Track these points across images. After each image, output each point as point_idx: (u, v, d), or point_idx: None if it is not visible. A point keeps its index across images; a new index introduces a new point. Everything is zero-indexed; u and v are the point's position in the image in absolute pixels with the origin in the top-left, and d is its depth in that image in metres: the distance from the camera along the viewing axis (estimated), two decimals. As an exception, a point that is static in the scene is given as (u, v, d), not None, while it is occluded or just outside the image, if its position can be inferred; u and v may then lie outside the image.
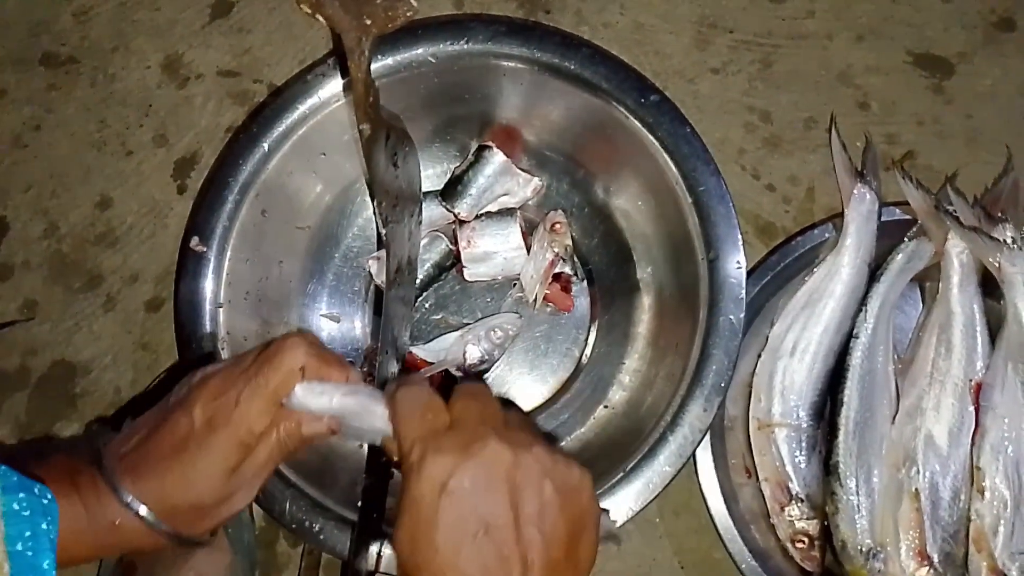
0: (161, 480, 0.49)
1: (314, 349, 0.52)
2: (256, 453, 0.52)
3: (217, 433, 0.50)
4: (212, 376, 0.52)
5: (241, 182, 0.71)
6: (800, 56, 0.87)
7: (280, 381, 0.51)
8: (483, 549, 0.43)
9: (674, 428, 0.65)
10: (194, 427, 0.50)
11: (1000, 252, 0.72)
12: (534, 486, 0.45)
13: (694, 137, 0.71)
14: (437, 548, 0.44)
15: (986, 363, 0.73)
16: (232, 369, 0.52)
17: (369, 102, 0.50)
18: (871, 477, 0.71)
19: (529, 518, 0.44)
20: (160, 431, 0.50)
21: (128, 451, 0.51)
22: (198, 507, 0.51)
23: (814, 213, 0.83)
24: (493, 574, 0.43)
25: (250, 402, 0.50)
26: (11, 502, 0.45)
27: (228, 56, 0.92)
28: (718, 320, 0.67)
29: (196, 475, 0.50)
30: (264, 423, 0.51)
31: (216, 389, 0.51)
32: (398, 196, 0.58)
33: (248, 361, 0.52)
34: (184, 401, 0.51)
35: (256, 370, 0.51)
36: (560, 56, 0.73)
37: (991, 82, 0.87)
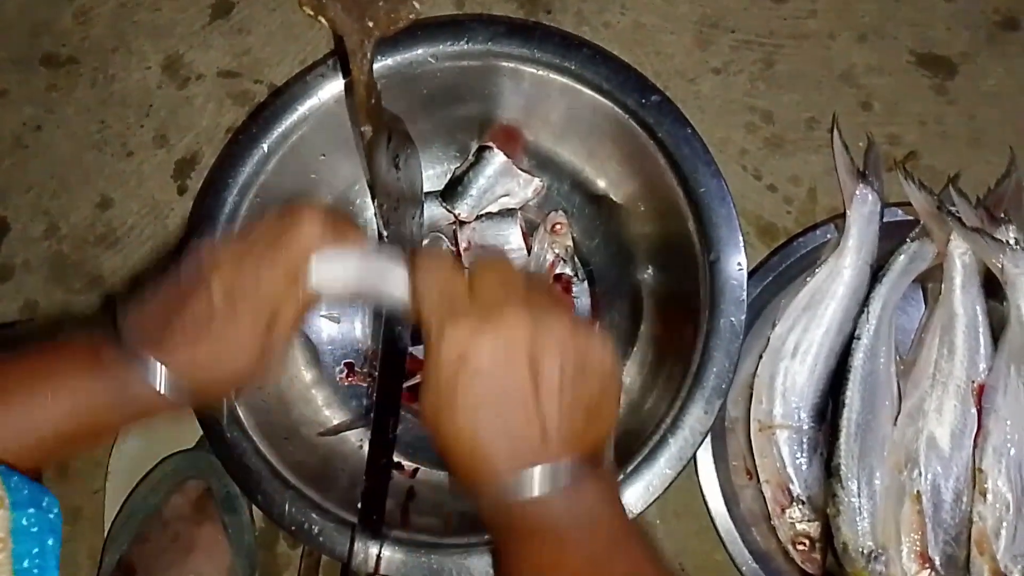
0: (191, 356, 0.50)
1: (329, 217, 0.52)
2: (279, 320, 0.52)
3: (240, 307, 0.50)
4: (222, 251, 0.51)
5: (241, 183, 0.71)
6: (802, 56, 0.87)
7: (298, 254, 0.51)
8: (502, 419, 0.44)
9: (674, 430, 0.65)
10: (215, 304, 0.49)
11: (1003, 253, 0.72)
12: (553, 355, 0.44)
13: (695, 138, 0.70)
14: (457, 418, 0.44)
15: (989, 365, 0.72)
16: (243, 244, 0.52)
17: (371, 104, 0.50)
18: (873, 479, 0.70)
19: (549, 388, 0.44)
20: (180, 308, 0.50)
21: (149, 326, 0.50)
22: (228, 377, 0.52)
23: (816, 214, 0.82)
24: (513, 443, 0.44)
25: (270, 276, 0.50)
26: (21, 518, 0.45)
27: (228, 57, 0.91)
28: (719, 322, 0.67)
29: (227, 350, 0.50)
30: (286, 297, 0.51)
31: (232, 264, 0.51)
32: (399, 198, 0.58)
33: (262, 234, 0.52)
34: (199, 278, 0.51)
35: (272, 245, 0.51)
36: (560, 56, 0.72)
37: (994, 82, 0.86)
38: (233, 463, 0.65)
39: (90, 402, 0.49)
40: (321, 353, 0.78)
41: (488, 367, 0.44)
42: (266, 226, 0.52)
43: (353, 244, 0.52)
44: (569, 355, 0.45)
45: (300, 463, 0.68)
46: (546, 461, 0.44)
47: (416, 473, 0.76)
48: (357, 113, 0.50)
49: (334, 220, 0.52)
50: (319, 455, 0.72)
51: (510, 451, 0.44)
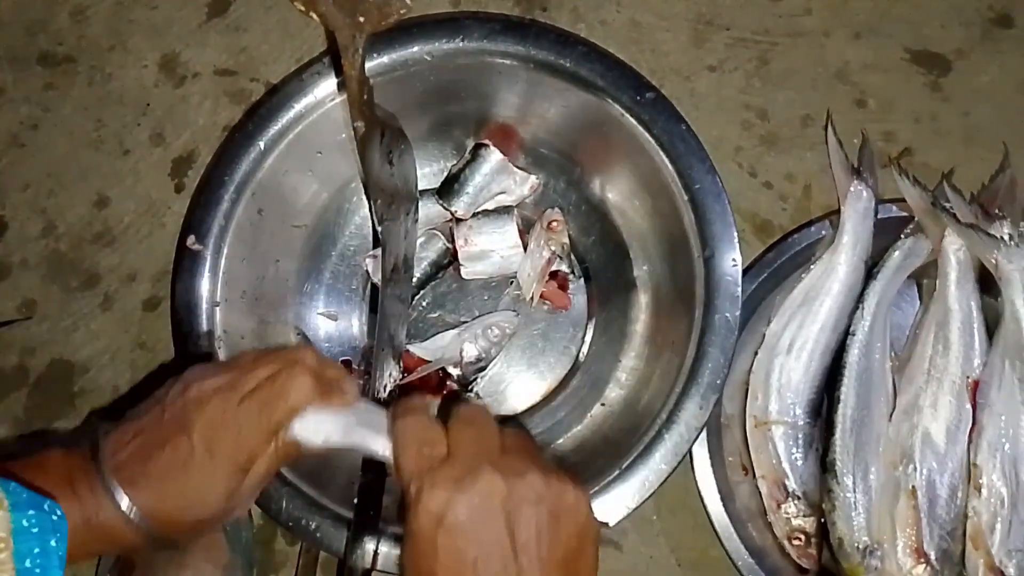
0: (161, 497, 0.50)
1: (320, 374, 0.53)
2: (255, 470, 0.53)
3: (217, 460, 0.51)
4: (209, 396, 0.52)
5: (237, 181, 0.71)
6: (797, 53, 0.87)
7: (283, 416, 0.52)
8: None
9: (670, 426, 0.65)
10: (194, 452, 0.50)
11: (997, 249, 0.72)
12: (529, 513, 0.45)
13: (689, 135, 0.70)
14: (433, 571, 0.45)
15: (983, 360, 0.72)
16: (232, 393, 0.52)
17: (363, 100, 0.50)
18: (868, 474, 0.71)
19: (525, 545, 0.45)
20: (159, 449, 0.51)
21: (125, 460, 0.51)
22: (195, 520, 0.52)
23: (811, 211, 0.82)
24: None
25: (252, 435, 0.51)
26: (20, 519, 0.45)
27: (225, 55, 0.92)
28: (714, 318, 0.67)
29: (197, 497, 0.51)
30: (265, 449, 0.52)
31: (216, 415, 0.51)
32: (394, 194, 0.58)
33: (249, 383, 0.53)
34: (182, 421, 0.51)
35: (260, 403, 0.52)
36: (556, 54, 0.73)
37: (988, 79, 0.86)
38: (230, 460, 0.65)
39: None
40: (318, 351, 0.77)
41: (465, 527, 0.45)
42: (257, 373, 0.53)
43: (339, 402, 0.53)
44: (544, 508, 0.46)
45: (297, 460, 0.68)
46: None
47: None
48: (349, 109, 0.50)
49: (324, 377, 0.54)
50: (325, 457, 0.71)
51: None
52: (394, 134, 0.59)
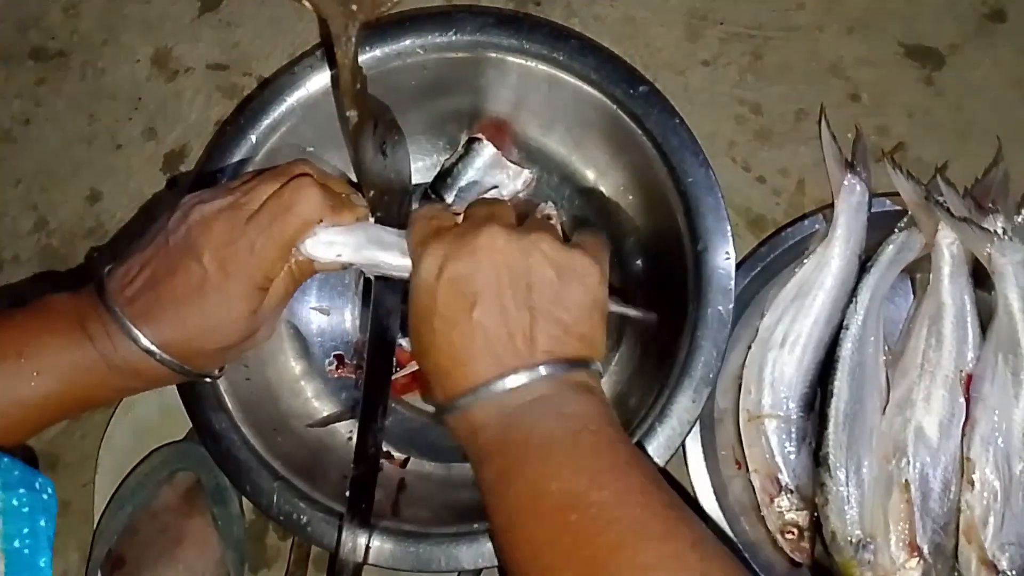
0: (182, 327, 0.49)
1: (328, 187, 0.52)
2: (273, 290, 0.52)
3: (233, 280, 0.50)
4: (215, 219, 0.51)
5: (228, 176, 0.71)
6: (791, 48, 0.87)
7: (296, 230, 0.51)
8: (480, 327, 0.45)
9: (662, 420, 0.65)
10: (208, 274, 0.49)
11: (991, 243, 0.72)
12: (533, 267, 0.46)
13: (683, 128, 0.70)
14: (437, 330, 0.46)
15: (977, 354, 0.72)
16: (238, 212, 0.51)
17: (357, 89, 0.50)
18: (861, 468, 0.70)
19: (526, 295, 0.46)
20: (170, 277, 0.50)
21: (135, 294, 0.50)
22: (220, 346, 0.51)
23: (804, 205, 0.82)
24: (491, 349, 0.45)
25: (265, 251, 0.50)
26: (11, 498, 0.45)
27: (217, 49, 0.91)
28: (706, 311, 0.67)
29: (218, 320, 0.50)
30: (281, 268, 0.52)
31: (224, 235, 0.50)
32: (387, 186, 0.58)
33: (253, 201, 0.51)
34: (189, 245, 0.50)
35: (269, 219, 0.50)
36: (549, 47, 0.72)
37: (982, 73, 0.86)
38: (221, 454, 0.65)
39: (76, 375, 0.49)
40: (311, 345, 0.77)
41: (464, 278, 0.46)
42: (262, 190, 0.52)
43: (351, 217, 0.53)
44: (548, 266, 0.47)
45: (289, 454, 0.68)
46: (524, 366, 0.44)
47: (407, 463, 0.76)
48: (343, 99, 0.50)
49: (333, 190, 0.53)
50: (308, 447, 0.71)
51: (489, 357, 0.45)
52: (387, 125, 0.59)
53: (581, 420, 0.44)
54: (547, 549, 0.40)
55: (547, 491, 0.41)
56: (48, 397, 0.49)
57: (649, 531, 0.39)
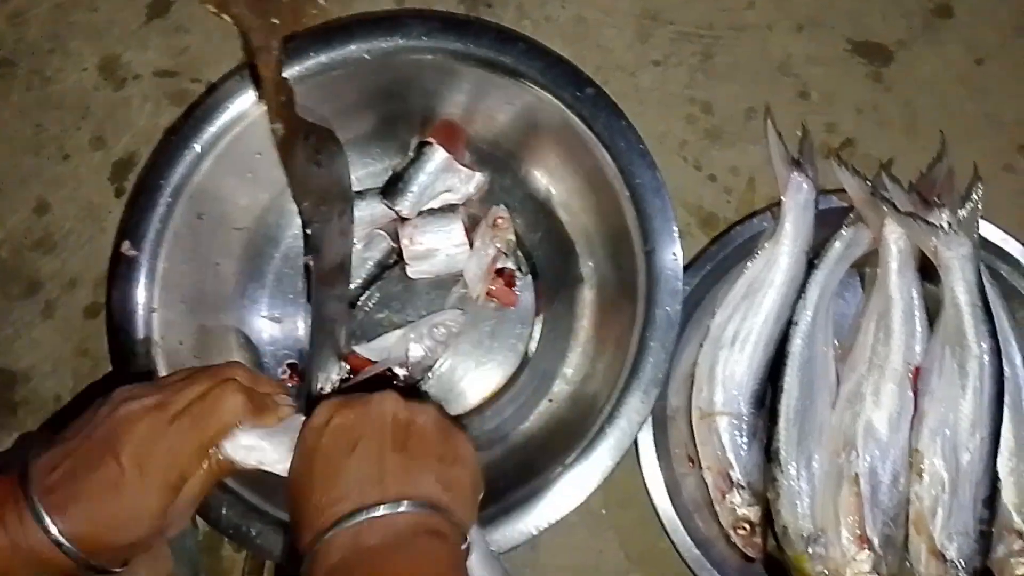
0: (91, 521, 0.50)
1: (251, 396, 0.54)
2: (188, 488, 0.53)
3: (148, 479, 0.50)
4: (138, 416, 0.52)
5: (174, 184, 0.70)
6: (740, 47, 0.88)
7: (215, 434, 0.52)
8: (352, 466, 0.48)
9: (612, 421, 0.66)
10: (124, 473, 0.50)
11: (936, 237, 0.73)
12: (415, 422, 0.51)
13: (630, 130, 0.71)
14: (314, 470, 0.49)
15: (924, 348, 0.73)
16: (162, 412, 0.52)
17: (281, 101, 0.50)
18: (811, 463, 0.71)
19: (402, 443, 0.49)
20: (88, 471, 0.50)
21: (53, 484, 0.50)
22: (129, 541, 0.52)
23: (755, 203, 0.83)
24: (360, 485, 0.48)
25: (183, 452, 0.52)
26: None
27: (166, 56, 0.90)
28: (655, 312, 0.67)
29: (128, 518, 0.51)
30: (197, 468, 0.53)
31: (146, 435, 0.51)
32: (324, 196, 0.58)
33: (179, 402, 0.53)
34: (111, 441, 0.51)
35: (191, 421, 0.52)
36: (496, 51, 0.72)
37: (930, 69, 0.87)
38: (169, 467, 0.64)
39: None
40: (262, 354, 0.77)
41: (350, 425, 0.50)
42: (189, 391, 0.53)
43: (273, 419, 0.55)
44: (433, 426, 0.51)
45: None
46: (386, 501, 0.47)
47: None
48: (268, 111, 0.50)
49: (257, 392, 0.55)
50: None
51: (357, 493, 0.47)
52: (321, 135, 0.58)
53: (426, 567, 0.46)
54: None
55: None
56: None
57: None
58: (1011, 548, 0.70)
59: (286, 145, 0.52)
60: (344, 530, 0.46)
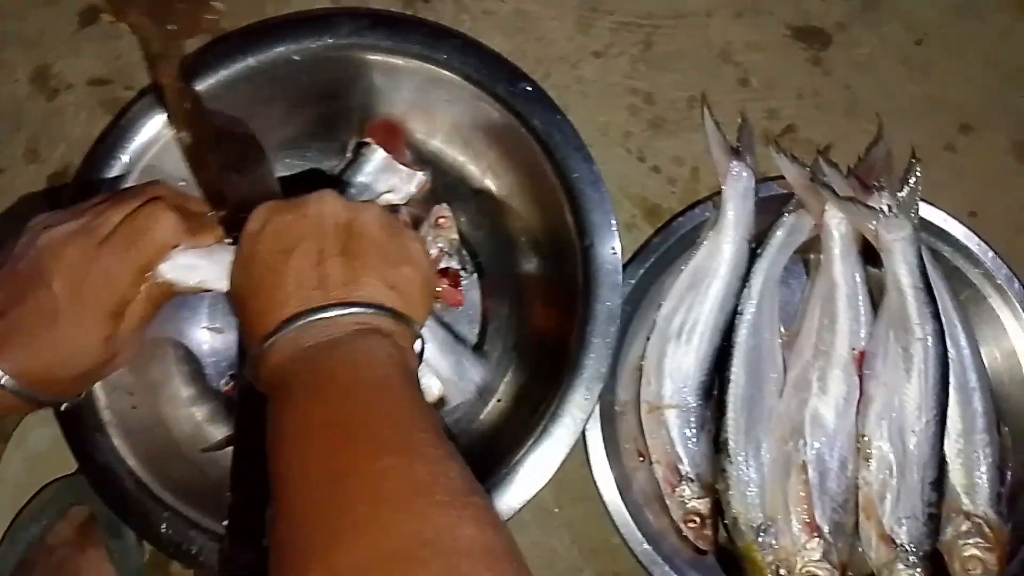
0: (34, 356, 0.48)
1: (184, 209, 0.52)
2: (130, 315, 0.51)
3: (86, 307, 0.49)
4: (63, 242, 0.50)
5: (104, 194, 0.69)
6: (681, 35, 0.87)
7: (152, 255, 0.50)
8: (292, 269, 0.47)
9: (556, 418, 0.65)
10: (58, 302, 0.48)
11: (876, 220, 0.73)
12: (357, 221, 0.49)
13: (566, 124, 0.70)
14: (252, 274, 0.48)
15: (869, 332, 0.73)
16: (89, 236, 0.50)
17: (186, 109, 0.49)
18: (760, 452, 0.71)
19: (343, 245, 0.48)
20: (19, 305, 0.48)
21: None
22: (75, 374, 0.50)
23: (700, 193, 0.82)
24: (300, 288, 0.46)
25: (120, 277, 0.49)
26: None
27: (99, 63, 0.88)
28: (595, 307, 0.67)
29: (72, 348, 0.49)
30: (135, 293, 0.51)
31: (76, 260, 0.49)
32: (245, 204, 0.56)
33: (106, 225, 0.50)
34: (39, 271, 0.49)
35: (123, 244, 0.50)
36: (428, 48, 0.71)
37: (869, 51, 0.87)
38: (106, 487, 0.63)
39: None
40: (204, 366, 0.75)
41: (287, 227, 0.48)
42: (113, 212, 0.51)
43: (210, 236, 0.52)
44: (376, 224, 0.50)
45: (181, 482, 0.66)
46: (331, 304, 0.45)
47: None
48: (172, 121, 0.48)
49: (189, 211, 0.52)
50: (204, 472, 0.70)
51: (299, 297, 0.46)
52: (239, 140, 0.57)
53: (364, 358, 0.44)
54: (298, 465, 0.40)
55: (312, 415, 0.42)
56: None
57: (388, 448, 0.39)
58: (959, 530, 0.70)
59: (195, 154, 0.51)
60: (286, 334, 0.45)
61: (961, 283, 0.76)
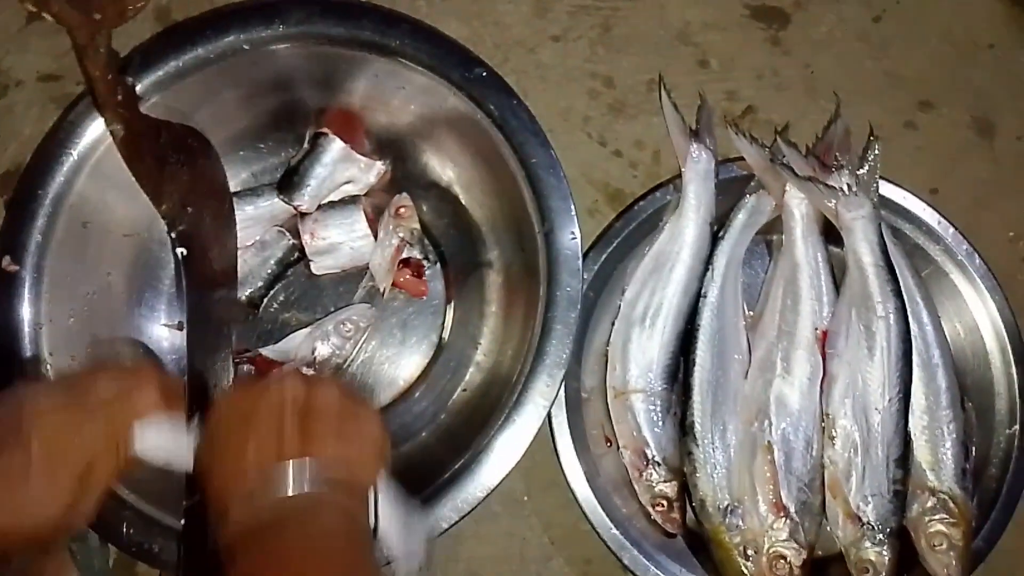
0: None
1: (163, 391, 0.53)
2: (95, 474, 0.51)
3: (57, 469, 0.49)
4: (48, 408, 0.51)
5: (53, 193, 0.67)
6: (638, 17, 0.87)
7: (128, 416, 0.52)
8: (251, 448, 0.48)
9: (519, 406, 0.65)
10: (31, 461, 0.48)
11: (836, 199, 0.73)
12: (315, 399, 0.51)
13: (521, 109, 0.69)
14: (215, 455, 0.50)
15: (832, 311, 0.73)
16: (72, 404, 0.51)
17: (117, 100, 0.47)
18: (726, 434, 0.71)
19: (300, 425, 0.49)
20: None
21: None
22: (32, 536, 0.50)
23: (661, 176, 0.82)
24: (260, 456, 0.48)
25: (94, 435, 0.50)
26: None
27: (48, 59, 0.86)
28: (556, 293, 0.66)
29: (34, 508, 0.49)
30: (105, 460, 0.51)
31: (57, 425, 0.50)
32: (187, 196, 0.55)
33: (92, 388, 0.52)
34: (17, 433, 0.49)
35: (104, 414, 0.51)
36: (380, 34, 0.70)
37: (827, 29, 0.87)
38: (63, 489, 0.62)
39: None
40: (164, 364, 0.74)
41: (249, 409, 0.50)
42: (99, 386, 0.52)
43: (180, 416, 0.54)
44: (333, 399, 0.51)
45: (141, 481, 0.65)
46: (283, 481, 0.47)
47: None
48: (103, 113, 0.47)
49: (168, 389, 0.54)
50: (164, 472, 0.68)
51: (258, 473, 0.48)
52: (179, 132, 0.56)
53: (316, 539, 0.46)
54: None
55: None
56: None
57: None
58: (925, 506, 0.70)
59: (128, 146, 0.49)
60: (241, 509, 0.47)
61: (922, 260, 0.77)
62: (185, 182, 0.52)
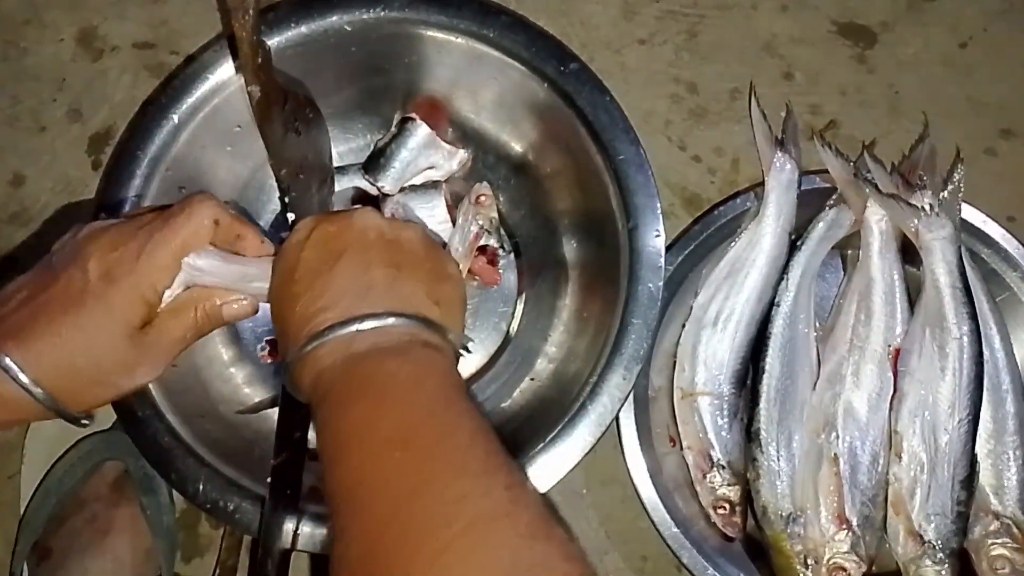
0: (53, 340, 0.45)
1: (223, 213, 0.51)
2: (168, 326, 0.50)
3: (117, 286, 0.47)
4: (104, 230, 0.49)
5: (150, 156, 0.69)
6: (725, 26, 0.87)
7: (189, 234, 0.49)
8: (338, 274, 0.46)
9: (593, 398, 0.65)
10: (89, 281, 0.46)
11: (918, 218, 0.73)
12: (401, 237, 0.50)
13: (613, 105, 0.70)
14: (296, 280, 0.47)
15: (905, 329, 0.73)
16: (129, 224, 0.49)
17: (257, 63, 0.49)
18: (792, 443, 0.71)
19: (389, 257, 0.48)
20: (49, 290, 0.46)
21: (9, 312, 0.46)
22: (96, 371, 0.48)
23: (739, 184, 0.83)
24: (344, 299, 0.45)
25: (153, 255, 0.48)
26: None
27: (144, 27, 0.89)
28: (637, 289, 0.67)
29: (95, 331, 0.47)
30: (168, 279, 0.49)
31: (113, 242, 0.48)
32: (302, 165, 0.57)
33: (149, 216, 0.50)
34: (75, 256, 0.47)
35: (162, 223, 0.49)
36: (478, 24, 0.72)
37: (913, 51, 0.87)
38: (145, 442, 0.63)
39: None
40: (241, 331, 0.76)
41: (333, 236, 0.48)
42: (153, 211, 0.51)
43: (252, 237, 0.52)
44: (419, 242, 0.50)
45: (218, 441, 0.66)
46: (377, 314, 0.44)
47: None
48: (243, 73, 0.49)
49: (227, 217, 0.51)
50: (239, 433, 0.70)
51: (344, 304, 0.45)
52: (300, 102, 0.57)
53: (423, 370, 0.44)
54: (369, 479, 0.39)
55: (377, 425, 0.41)
56: None
57: (465, 469, 0.38)
58: (988, 529, 0.70)
59: (262, 109, 0.51)
60: (334, 339, 0.44)
61: (998, 285, 0.76)
62: (301, 151, 0.54)
